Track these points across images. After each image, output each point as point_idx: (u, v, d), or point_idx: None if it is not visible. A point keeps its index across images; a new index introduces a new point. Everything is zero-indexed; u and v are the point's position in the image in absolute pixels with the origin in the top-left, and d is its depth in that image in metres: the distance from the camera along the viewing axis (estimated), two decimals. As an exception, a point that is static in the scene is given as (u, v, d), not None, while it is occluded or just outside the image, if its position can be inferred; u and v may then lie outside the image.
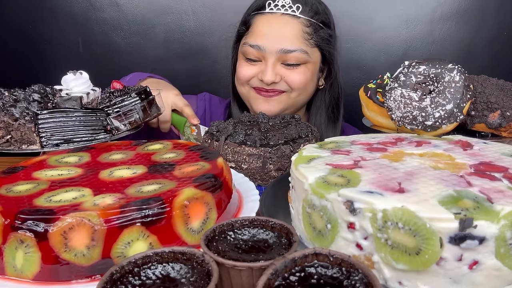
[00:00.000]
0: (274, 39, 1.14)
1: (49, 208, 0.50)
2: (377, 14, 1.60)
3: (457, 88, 0.80)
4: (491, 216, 0.44)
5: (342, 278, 0.38)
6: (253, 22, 1.19)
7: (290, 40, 1.14)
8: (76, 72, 0.91)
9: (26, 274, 0.49)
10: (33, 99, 0.80)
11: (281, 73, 1.16)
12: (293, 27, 1.15)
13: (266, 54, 1.15)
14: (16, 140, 0.78)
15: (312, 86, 1.23)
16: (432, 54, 1.62)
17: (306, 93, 1.23)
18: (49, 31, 1.68)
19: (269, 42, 1.14)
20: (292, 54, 1.14)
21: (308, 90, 1.22)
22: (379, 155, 0.64)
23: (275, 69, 1.15)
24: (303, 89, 1.20)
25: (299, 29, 1.15)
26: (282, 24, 1.15)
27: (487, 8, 1.58)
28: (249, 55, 1.18)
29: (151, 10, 1.64)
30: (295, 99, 1.21)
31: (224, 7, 1.63)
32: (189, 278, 0.41)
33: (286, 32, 1.14)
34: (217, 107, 1.39)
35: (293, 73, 1.16)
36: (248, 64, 1.20)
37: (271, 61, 1.15)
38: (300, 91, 1.20)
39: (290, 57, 1.14)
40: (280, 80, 1.16)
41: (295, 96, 1.20)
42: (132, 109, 0.87)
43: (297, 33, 1.15)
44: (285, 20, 1.15)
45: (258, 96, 1.20)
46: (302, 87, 1.18)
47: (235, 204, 0.66)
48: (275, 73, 1.15)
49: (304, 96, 1.23)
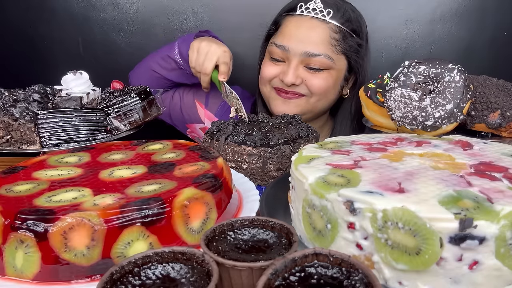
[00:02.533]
0: (300, 41, 1.14)
1: (49, 208, 0.50)
2: (377, 14, 1.60)
3: (457, 88, 0.80)
4: (491, 216, 0.44)
5: (342, 278, 0.38)
6: (283, 22, 1.20)
7: (315, 44, 1.13)
8: (76, 72, 0.91)
9: (26, 274, 0.49)
10: (33, 99, 0.81)
11: (303, 76, 1.16)
12: (320, 32, 1.14)
13: (290, 55, 1.15)
14: (16, 140, 0.78)
15: (333, 93, 1.22)
16: (432, 54, 1.62)
17: (326, 100, 1.21)
18: (49, 31, 1.68)
19: (294, 44, 1.14)
20: (316, 58, 1.13)
21: (328, 97, 1.21)
22: (379, 155, 0.64)
23: (297, 71, 1.15)
24: (323, 95, 1.19)
25: (326, 34, 1.14)
26: (310, 28, 1.15)
27: (487, 8, 1.58)
28: (274, 55, 1.19)
29: (151, 10, 1.64)
30: (314, 104, 1.20)
31: (224, 7, 1.62)
32: (189, 278, 0.41)
33: (313, 36, 1.14)
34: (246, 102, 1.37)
35: (314, 77, 1.16)
36: (272, 63, 1.20)
37: (294, 62, 1.15)
38: (320, 97, 1.19)
39: (313, 61, 1.14)
40: (301, 83, 1.16)
41: (314, 101, 1.19)
42: (132, 109, 0.87)
43: (324, 38, 1.14)
44: (313, 23, 1.15)
45: (277, 96, 1.20)
46: (322, 92, 1.18)
47: (235, 204, 0.66)
48: (296, 75, 1.15)
49: (324, 103, 1.22)
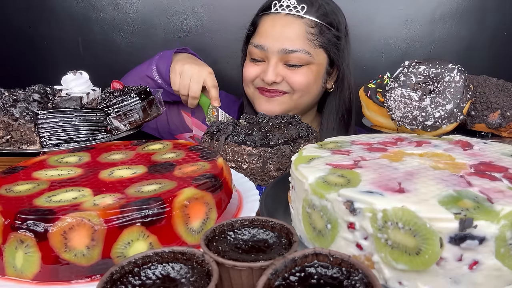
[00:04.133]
0: (276, 39, 1.14)
1: (49, 208, 0.50)
2: (377, 14, 1.60)
3: (457, 88, 0.80)
4: (491, 216, 0.44)
5: (342, 278, 0.38)
6: (260, 22, 1.20)
7: (292, 41, 1.13)
8: (76, 72, 0.91)
9: (26, 274, 0.49)
10: (33, 99, 0.81)
11: (283, 74, 1.16)
12: (296, 28, 1.14)
13: (269, 54, 1.15)
14: (16, 140, 0.78)
15: (316, 88, 1.22)
16: (432, 54, 1.62)
17: (309, 95, 1.21)
18: (49, 31, 1.68)
19: (271, 42, 1.14)
20: (293, 55, 1.13)
21: (311, 92, 1.21)
22: (379, 155, 0.64)
23: (276, 69, 1.15)
24: (305, 90, 1.19)
25: (302, 30, 1.14)
26: (285, 25, 1.15)
27: (487, 8, 1.58)
28: (254, 55, 1.19)
29: (151, 10, 1.64)
30: (297, 100, 1.20)
31: (224, 7, 1.62)
32: (189, 278, 0.41)
33: (289, 32, 1.14)
34: (232, 105, 1.38)
35: (294, 74, 1.16)
36: (253, 64, 1.20)
37: (273, 61, 1.15)
38: (302, 93, 1.19)
39: (292, 58, 1.14)
40: (281, 80, 1.16)
41: (297, 97, 1.19)
42: (132, 109, 0.87)
43: (300, 34, 1.14)
44: (288, 20, 1.15)
45: (260, 96, 1.21)
46: (303, 88, 1.18)
47: (235, 204, 0.66)
48: (276, 74, 1.15)
49: (308, 98, 1.22)
